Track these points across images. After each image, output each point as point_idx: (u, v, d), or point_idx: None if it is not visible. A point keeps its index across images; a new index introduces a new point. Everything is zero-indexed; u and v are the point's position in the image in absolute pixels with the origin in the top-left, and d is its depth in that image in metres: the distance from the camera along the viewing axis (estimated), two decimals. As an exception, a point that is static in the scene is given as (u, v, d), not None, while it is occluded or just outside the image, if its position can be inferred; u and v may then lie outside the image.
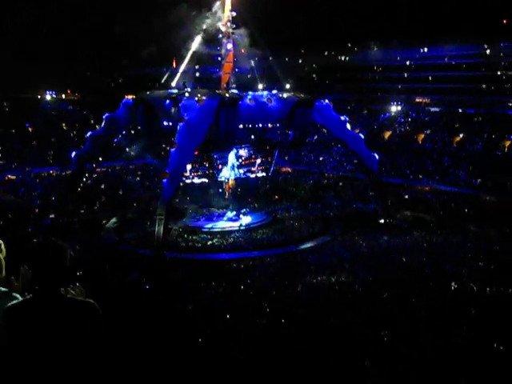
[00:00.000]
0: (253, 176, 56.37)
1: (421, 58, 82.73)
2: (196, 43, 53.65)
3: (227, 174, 54.36)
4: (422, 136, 76.05)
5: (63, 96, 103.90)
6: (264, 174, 56.77)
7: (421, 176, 66.40)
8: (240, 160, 54.36)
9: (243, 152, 54.21)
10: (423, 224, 52.80)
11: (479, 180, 61.18)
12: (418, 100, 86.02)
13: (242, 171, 54.69)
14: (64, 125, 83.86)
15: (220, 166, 53.32)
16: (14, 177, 65.05)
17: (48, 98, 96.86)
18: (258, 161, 55.49)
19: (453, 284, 34.75)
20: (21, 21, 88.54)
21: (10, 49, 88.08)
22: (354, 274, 38.15)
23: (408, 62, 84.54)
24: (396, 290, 33.35)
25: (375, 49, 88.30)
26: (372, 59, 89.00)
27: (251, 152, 54.85)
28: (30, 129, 79.75)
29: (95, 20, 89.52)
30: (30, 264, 5.95)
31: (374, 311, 30.41)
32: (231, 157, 53.55)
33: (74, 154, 55.08)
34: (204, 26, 53.45)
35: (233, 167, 54.12)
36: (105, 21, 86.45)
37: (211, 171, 53.07)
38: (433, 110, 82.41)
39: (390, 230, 50.83)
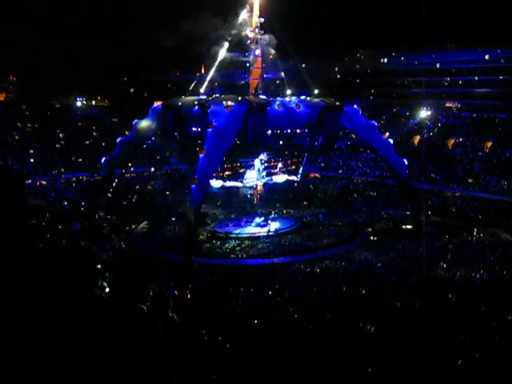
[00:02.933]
0: (277, 180, 56.17)
1: (451, 62, 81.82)
2: (224, 49, 53.79)
3: (253, 179, 54.28)
4: (452, 141, 75.14)
5: (93, 102, 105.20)
6: (291, 177, 56.59)
7: (451, 182, 65.58)
8: (262, 164, 54.33)
9: (263, 156, 54.09)
10: (453, 230, 52.14)
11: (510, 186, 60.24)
12: (447, 105, 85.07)
13: (264, 174, 54.59)
14: (94, 131, 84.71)
15: (242, 170, 53.23)
16: (44, 182, 65.84)
17: (78, 104, 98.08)
18: (280, 164, 55.38)
19: (483, 292, 34.31)
20: (52, 28, 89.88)
21: (41, 56, 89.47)
22: (382, 280, 37.84)
23: (438, 66, 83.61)
24: (424, 296, 32.99)
25: (404, 53, 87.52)
26: (401, 64, 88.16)
27: (271, 156, 54.74)
28: (60, 135, 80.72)
29: (124, 28, 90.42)
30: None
31: (403, 317, 30.15)
32: (257, 162, 53.53)
33: (103, 159, 55.62)
34: (232, 33, 53.61)
35: (258, 171, 54.10)
36: (133, 28, 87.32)
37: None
38: (463, 114, 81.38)
39: (419, 236, 50.26)
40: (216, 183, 50.54)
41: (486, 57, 77.91)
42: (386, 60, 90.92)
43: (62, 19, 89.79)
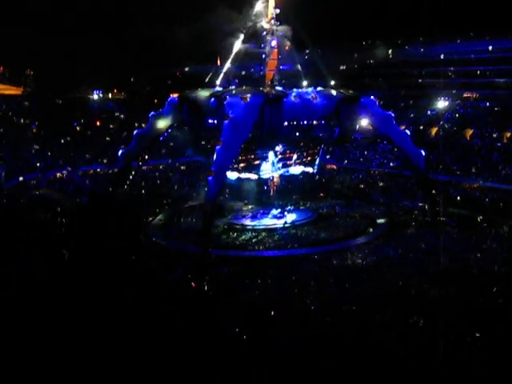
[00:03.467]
0: (293, 171, 55.97)
1: (469, 51, 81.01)
2: (239, 41, 53.69)
3: (268, 171, 54.18)
4: (471, 132, 74.47)
5: (110, 95, 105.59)
6: (307, 169, 56.37)
7: (469, 173, 65.00)
8: (277, 156, 54.22)
9: (278, 148, 53.87)
10: (471, 222, 51.73)
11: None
12: (466, 95, 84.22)
13: (280, 165, 54.43)
14: (111, 123, 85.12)
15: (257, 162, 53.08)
16: (62, 174, 66.32)
17: (95, 97, 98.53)
18: (296, 156, 55.16)
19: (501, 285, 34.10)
20: (69, 22, 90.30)
21: (59, 49, 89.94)
22: (399, 272, 37.70)
23: (456, 56, 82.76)
24: (440, 289, 32.85)
25: (422, 43, 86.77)
26: (419, 54, 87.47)
27: (287, 147, 54.53)
28: (77, 127, 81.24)
29: (139, 21, 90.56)
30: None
31: (418, 309, 30.07)
32: (271, 154, 53.39)
33: (120, 152, 55.88)
34: (247, 24, 53.48)
35: (273, 163, 54.00)
36: (148, 21, 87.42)
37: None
38: (482, 105, 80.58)
39: (438, 228, 49.92)
40: (232, 175, 50.52)
41: (505, 46, 76.98)
42: (402, 51, 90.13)
43: (79, 14, 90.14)
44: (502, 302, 31.24)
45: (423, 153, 54.55)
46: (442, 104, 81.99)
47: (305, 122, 53.18)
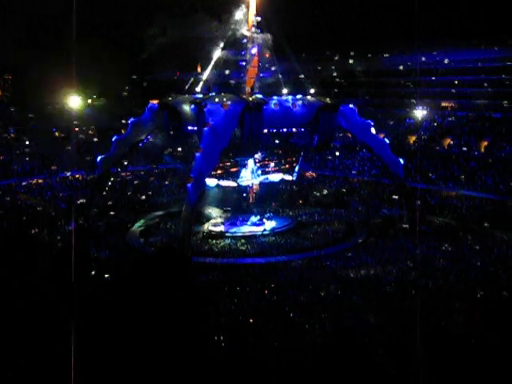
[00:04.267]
0: (272, 179, 56.10)
1: (446, 61, 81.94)
2: (220, 48, 53.79)
3: (247, 178, 54.24)
4: (448, 141, 75.28)
5: (89, 101, 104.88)
6: (287, 176, 56.55)
7: (446, 181, 65.69)
8: (256, 163, 54.32)
9: (257, 155, 53.98)
10: (449, 230, 52.26)
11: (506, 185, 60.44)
12: (443, 104, 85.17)
13: (259, 173, 54.52)
14: (89, 129, 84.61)
15: (237, 169, 53.13)
16: (41, 181, 65.75)
17: (75, 102, 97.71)
18: (274, 163, 55.33)
19: (479, 291, 34.42)
20: (47, 26, 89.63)
21: (34, 54, 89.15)
22: (377, 279, 37.93)
23: (433, 66, 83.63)
24: (419, 296, 33.12)
25: (400, 53, 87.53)
26: (397, 63, 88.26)
27: (266, 155, 54.67)
28: (56, 133, 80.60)
29: (120, 26, 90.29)
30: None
31: (398, 316, 30.26)
32: (250, 161, 53.47)
33: (99, 158, 55.58)
34: (228, 32, 53.58)
35: (252, 171, 54.09)
36: (129, 27, 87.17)
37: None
38: (459, 114, 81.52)
39: (415, 235, 50.35)
40: (211, 182, 50.45)
41: (482, 56, 78.01)
42: (381, 60, 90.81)
43: (57, 18, 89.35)
44: (481, 306, 31.61)
45: (402, 161, 54.96)
46: (420, 113, 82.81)
47: (284, 130, 53.39)
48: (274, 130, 52.68)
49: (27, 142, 75.39)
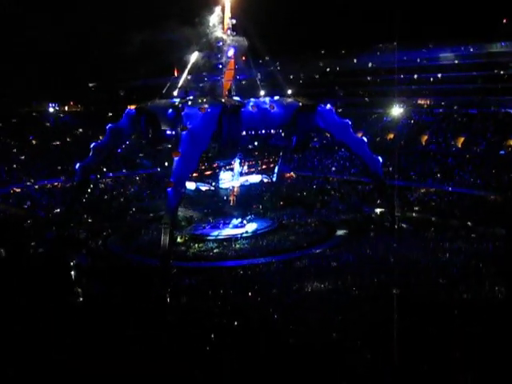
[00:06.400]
0: (252, 180, 56.21)
1: (422, 59, 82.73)
2: (196, 52, 53.67)
3: (227, 180, 54.26)
4: (426, 137, 75.96)
5: (66, 108, 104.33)
6: (266, 178, 56.71)
7: (425, 178, 66.28)
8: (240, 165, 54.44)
9: (236, 157, 54.00)
10: (428, 226, 52.73)
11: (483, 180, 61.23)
12: (420, 102, 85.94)
13: (239, 175, 54.58)
14: (67, 136, 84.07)
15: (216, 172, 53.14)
16: (18, 189, 65.15)
17: (51, 110, 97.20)
18: (253, 165, 55.49)
19: (460, 287, 34.83)
20: (23, 33, 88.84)
21: (12, 62, 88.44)
22: (359, 277, 38.09)
23: (409, 64, 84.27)
24: (402, 293, 33.35)
25: (376, 52, 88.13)
26: (373, 62, 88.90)
27: (245, 157, 54.76)
28: (33, 141, 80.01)
29: (96, 32, 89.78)
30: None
31: (379, 314, 30.45)
32: (236, 163, 53.59)
33: (78, 165, 55.19)
34: (204, 35, 53.47)
35: (233, 173, 54.11)
36: (106, 32, 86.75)
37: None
38: (435, 111, 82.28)
39: (396, 232, 50.72)
40: (190, 185, 50.32)
41: (457, 53, 78.89)
42: (358, 59, 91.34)
43: (31, 23, 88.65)
44: (463, 302, 32.03)
45: (380, 159, 55.30)
46: (397, 111, 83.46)
47: (263, 131, 53.43)
48: (253, 132, 52.69)
49: None
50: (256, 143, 54.19)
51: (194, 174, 49.55)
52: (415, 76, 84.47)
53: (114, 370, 23.05)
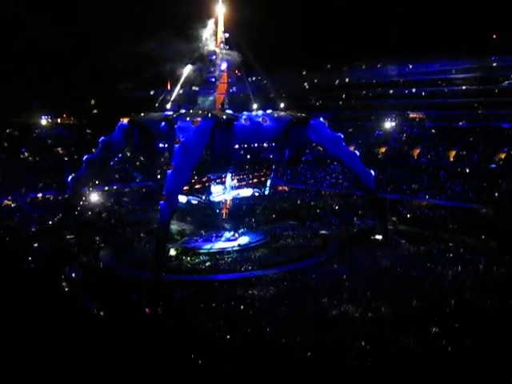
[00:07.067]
0: (244, 194, 56.25)
1: (413, 73, 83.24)
2: (189, 65, 53.82)
3: (219, 194, 54.24)
4: (418, 151, 76.33)
5: (59, 120, 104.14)
6: (258, 191, 56.78)
7: (417, 191, 66.55)
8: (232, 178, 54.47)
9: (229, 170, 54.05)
10: (420, 239, 52.91)
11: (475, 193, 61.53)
12: (412, 115, 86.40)
13: (231, 188, 54.59)
14: (60, 149, 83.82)
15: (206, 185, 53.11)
16: (10, 202, 64.82)
17: (43, 122, 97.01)
18: (246, 178, 55.58)
19: (452, 299, 34.95)
20: (15, 44, 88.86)
21: (3, 73, 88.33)
22: (353, 291, 38.13)
23: (401, 78, 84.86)
24: (395, 307, 33.45)
25: (368, 66, 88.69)
26: (365, 76, 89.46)
27: (237, 170, 54.80)
28: (25, 153, 79.76)
29: (89, 45, 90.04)
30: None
31: (374, 328, 30.47)
32: (228, 177, 53.63)
33: (70, 177, 55.10)
34: (197, 48, 53.66)
35: (225, 187, 54.14)
36: (98, 45, 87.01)
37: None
38: (427, 124, 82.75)
39: (388, 245, 50.90)
40: (181, 198, 50.26)
41: (448, 68, 79.50)
42: (351, 73, 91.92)
43: (23, 34, 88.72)
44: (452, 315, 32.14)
45: (372, 173, 55.50)
46: (389, 124, 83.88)
47: (255, 145, 53.54)
48: (246, 146, 52.80)
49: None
50: (248, 156, 54.27)
51: (185, 188, 49.44)
52: (407, 90, 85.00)
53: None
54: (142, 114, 51.83)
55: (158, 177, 53.06)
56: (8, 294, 35.49)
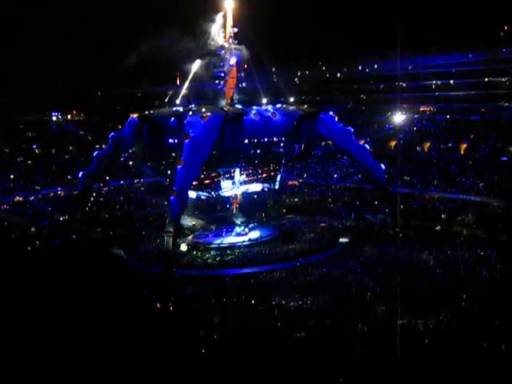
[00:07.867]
0: (253, 189, 56.27)
1: (424, 66, 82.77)
2: (198, 60, 53.81)
3: (229, 188, 54.27)
4: (428, 144, 75.97)
5: (69, 116, 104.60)
6: (267, 186, 56.78)
7: (428, 185, 66.23)
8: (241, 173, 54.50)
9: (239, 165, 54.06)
10: (431, 233, 52.68)
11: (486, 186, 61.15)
12: (422, 109, 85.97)
13: (241, 183, 54.63)
14: (70, 145, 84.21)
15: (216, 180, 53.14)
16: (22, 198, 65.24)
17: (54, 119, 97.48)
18: (256, 173, 55.58)
19: (464, 295, 34.83)
20: (26, 40, 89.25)
21: (15, 70, 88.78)
22: (364, 285, 38.08)
23: (412, 71, 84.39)
24: (406, 301, 33.35)
25: (379, 59, 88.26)
26: (376, 69, 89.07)
27: (247, 165, 54.82)
28: (36, 150, 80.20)
29: (99, 40, 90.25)
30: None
31: (386, 321, 30.45)
32: (237, 172, 53.64)
33: (80, 173, 55.34)
34: (206, 43, 53.61)
35: (234, 181, 54.16)
36: (108, 40, 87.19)
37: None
38: (438, 118, 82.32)
39: (398, 239, 50.66)
40: (191, 194, 50.30)
41: (459, 61, 78.98)
42: (359, 66, 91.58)
43: (34, 32, 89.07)
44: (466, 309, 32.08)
45: (383, 166, 55.31)
46: (399, 118, 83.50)
47: (265, 140, 53.52)
48: (255, 140, 52.79)
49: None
50: (258, 151, 54.26)
51: (194, 183, 49.48)
52: (417, 83, 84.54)
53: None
54: (152, 110, 51.95)
55: (168, 172, 53.05)
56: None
